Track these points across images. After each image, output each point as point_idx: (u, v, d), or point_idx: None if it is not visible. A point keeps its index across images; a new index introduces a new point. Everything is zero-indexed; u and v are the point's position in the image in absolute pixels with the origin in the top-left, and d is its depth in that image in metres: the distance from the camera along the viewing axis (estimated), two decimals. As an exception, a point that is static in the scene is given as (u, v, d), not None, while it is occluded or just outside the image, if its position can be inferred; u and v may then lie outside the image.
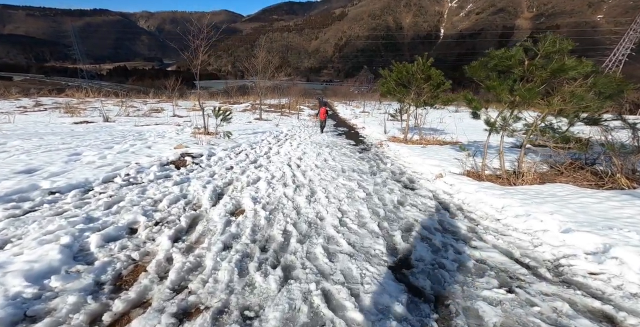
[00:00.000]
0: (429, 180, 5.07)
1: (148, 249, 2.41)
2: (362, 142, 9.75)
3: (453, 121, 16.39)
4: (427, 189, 4.61)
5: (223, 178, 4.35)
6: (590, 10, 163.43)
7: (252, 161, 5.60)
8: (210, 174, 4.44)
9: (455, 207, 3.84)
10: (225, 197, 3.60)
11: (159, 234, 2.61)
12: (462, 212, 3.71)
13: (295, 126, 13.67)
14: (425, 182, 4.95)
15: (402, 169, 5.84)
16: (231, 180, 4.33)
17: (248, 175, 4.60)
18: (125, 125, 11.19)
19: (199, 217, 3.08)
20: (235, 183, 4.21)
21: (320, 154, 6.91)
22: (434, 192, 4.48)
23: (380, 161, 6.52)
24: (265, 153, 6.54)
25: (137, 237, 2.53)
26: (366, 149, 8.17)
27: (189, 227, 2.84)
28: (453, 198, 4.19)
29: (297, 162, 5.87)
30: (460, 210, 3.78)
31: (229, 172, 4.66)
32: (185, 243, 2.54)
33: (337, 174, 5.14)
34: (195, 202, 3.42)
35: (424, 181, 5.02)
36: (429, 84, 8.22)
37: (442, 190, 4.54)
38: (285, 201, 3.71)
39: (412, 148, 7.86)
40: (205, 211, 3.21)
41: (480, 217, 3.55)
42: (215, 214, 3.10)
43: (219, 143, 7.05)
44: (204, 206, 3.30)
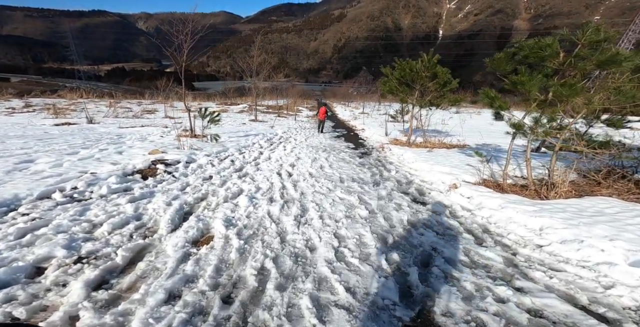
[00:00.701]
0: (441, 191, 4.35)
1: (48, 301, 1.68)
2: (362, 145, 9.03)
3: (455, 122, 15.73)
4: (441, 203, 3.88)
5: (196, 192, 3.61)
6: (587, 11, 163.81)
7: (237, 169, 4.86)
8: (182, 187, 3.71)
9: (480, 229, 3.12)
10: (191, 218, 2.87)
11: (75, 277, 1.87)
12: (490, 235, 2.98)
13: (291, 128, 12.95)
14: (437, 194, 4.23)
15: (408, 178, 5.12)
16: (206, 194, 3.59)
17: (228, 187, 3.86)
18: (109, 127, 10.45)
19: (147, 248, 2.34)
20: (210, 198, 3.48)
21: (316, 159, 6.19)
22: (450, 207, 3.76)
23: (383, 168, 5.79)
24: (254, 159, 5.81)
25: (40, 282, 1.80)
26: (367, 154, 7.45)
27: (127, 264, 2.10)
28: (475, 216, 3.47)
29: (289, 169, 5.14)
30: (488, 232, 3.05)
31: (205, 184, 3.93)
32: (110, 292, 1.80)
33: (335, 185, 4.42)
34: (150, 226, 2.68)
35: (436, 192, 4.30)
36: (435, 83, 7.53)
37: (460, 204, 3.82)
38: (268, 222, 2.98)
39: (417, 152, 7.15)
40: (159, 238, 2.48)
41: (516, 242, 2.82)
42: (170, 244, 2.36)
43: (204, 147, 6.32)
44: (160, 232, 2.57)
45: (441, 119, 17.82)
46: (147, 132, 9.05)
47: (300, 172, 5.00)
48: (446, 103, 7.70)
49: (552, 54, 3.24)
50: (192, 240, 2.50)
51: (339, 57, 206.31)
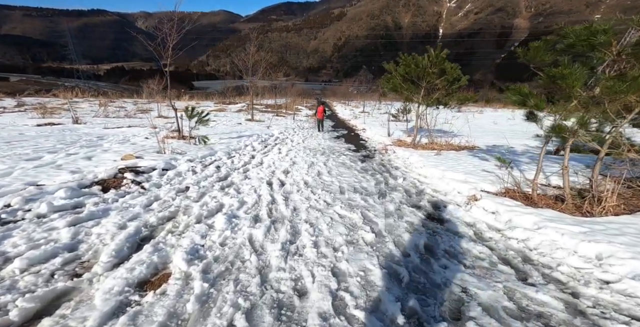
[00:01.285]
0: (459, 205, 3.71)
1: None
2: (363, 146, 8.39)
3: (459, 122, 15.06)
4: (462, 221, 3.24)
5: (164, 209, 2.97)
6: (588, 10, 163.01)
7: (222, 178, 4.22)
8: (148, 202, 3.07)
9: (519, 257, 2.48)
10: (146, 248, 2.22)
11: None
12: (534, 267, 2.34)
13: (289, 128, 12.31)
14: (455, 208, 3.58)
15: (418, 186, 4.47)
16: (175, 212, 2.95)
17: (205, 202, 3.22)
18: (94, 127, 9.80)
19: (69, 294, 1.70)
20: (179, 218, 2.84)
21: (314, 164, 5.54)
22: (474, 226, 3.11)
23: (389, 174, 5.15)
24: (244, 165, 5.16)
25: None
26: (369, 156, 6.81)
27: (25, 322, 1.46)
28: (508, 239, 2.82)
29: (282, 177, 4.49)
30: (530, 263, 2.41)
31: (179, 198, 3.28)
32: None
33: (334, 198, 3.77)
34: (86, 259, 2.04)
35: (453, 206, 3.66)
36: (443, 80, 6.87)
37: (485, 222, 3.17)
38: (247, 253, 2.33)
39: (424, 155, 6.51)
40: (91, 279, 1.84)
41: (572, 277, 2.18)
42: (103, 289, 1.72)
43: (189, 151, 5.68)
44: (95, 269, 1.93)
45: (444, 119, 17.18)
46: (133, 133, 8.41)
47: (295, 181, 4.36)
48: (455, 101, 7.05)
49: (607, 42, 2.60)
50: (137, 281, 1.86)
51: (339, 56, 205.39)
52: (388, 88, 7.70)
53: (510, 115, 24.32)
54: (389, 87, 7.65)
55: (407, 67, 7.12)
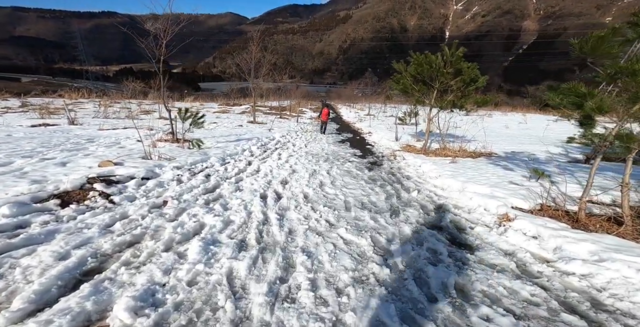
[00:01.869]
0: (489, 226, 3.11)
1: None
2: (370, 152, 7.81)
3: (467, 125, 14.36)
4: (497, 248, 2.64)
5: (128, 231, 2.44)
6: (599, 12, 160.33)
7: (209, 189, 3.69)
8: (111, 221, 2.54)
9: (586, 302, 1.86)
10: (84, 287, 1.69)
11: None
12: (614, 318, 1.73)
13: (291, 131, 11.79)
14: (484, 231, 2.99)
15: (435, 201, 3.88)
16: (141, 235, 2.42)
17: (181, 223, 2.68)
18: (89, 129, 9.41)
19: None
20: (144, 244, 2.30)
21: (316, 172, 4.99)
22: (514, 256, 2.51)
23: (400, 186, 4.56)
24: (238, 173, 4.63)
25: None
26: (377, 163, 6.23)
27: None
28: (565, 275, 2.21)
29: (279, 189, 3.94)
30: (605, 311, 1.80)
31: (150, 216, 2.75)
32: None
33: (338, 216, 3.21)
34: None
35: (482, 227, 3.05)
36: (459, 81, 6.28)
37: (528, 251, 2.57)
38: (222, 297, 1.78)
39: (438, 163, 5.91)
40: None
41: None
42: None
43: (179, 156, 5.18)
44: None
45: (453, 122, 16.50)
46: (126, 135, 7.98)
47: (293, 194, 3.80)
48: (470, 104, 6.44)
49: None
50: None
51: (344, 58, 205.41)
52: (398, 89, 7.13)
53: (521, 119, 23.52)
54: (398, 88, 7.08)
55: (418, 67, 6.55)
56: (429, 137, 8.33)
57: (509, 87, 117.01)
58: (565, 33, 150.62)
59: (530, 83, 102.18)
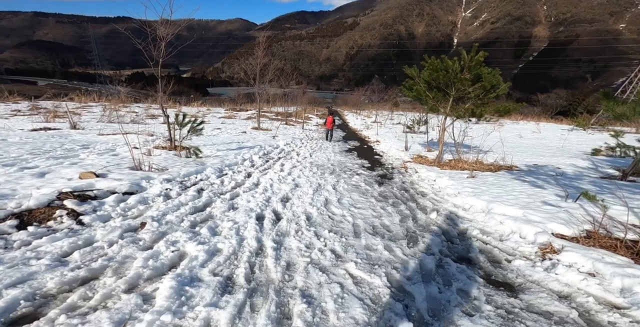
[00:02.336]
0: (529, 258, 2.58)
1: None
2: (379, 163, 7.32)
3: (479, 135, 13.75)
4: (547, 290, 2.11)
5: (87, 262, 1.99)
6: (612, 19, 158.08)
7: (199, 208, 3.26)
8: (70, 249, 2.11)
9: None
10: None
11: None
12: None
13: (296, 138, 11.40)
14: (525, 265, 2.46)
15: (458, 225, 3.37)
16: (101, 269, 1.97)
17: (157, 253, 2.23)
18: (88, 134, 9.19)
19: None
20: (102, 281, 1.85)
21: (321, 187, 4.52)
22: (573, 300, 1.97)
23: (415, 204, 4.06)
24: (235, 187, 4.20)
25: None
26: (387, 177, 5.74)
27: None
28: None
29: (279, 208, 3.49)
30: None
31: (121, 242, 2.31)
32: None
33: (345, 245, 2.73)
34: None
35: (521, 260, 2.53)
36: (478, 87, 5.79)
37: (590, 294, 2.02)
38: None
39: (455, 177, 5.39)
40: None
41: None
42: None
43: (174, 166, 4.79)
44: None
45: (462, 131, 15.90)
46: (124, 142, 7.69)
47: (294, 215, 3.34)
48: (490, 113, 5.93)
49: None
50: None
51: (351, 65, 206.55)
52: (410, 96, 6.68)
53: (534, 127, 22.75)
54: (410, 95, 6.62)
55: (433, 72, 6.09)
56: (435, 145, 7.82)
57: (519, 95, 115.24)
58: (577, 40, 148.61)
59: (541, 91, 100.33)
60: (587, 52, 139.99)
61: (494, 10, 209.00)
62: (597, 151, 8.64)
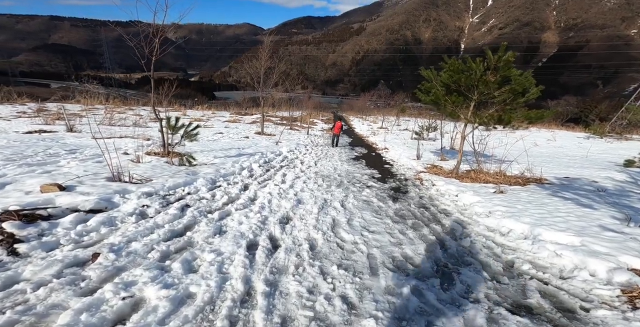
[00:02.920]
0: (613, 306, 1.91)
1: None
2: (389, 173, 6.68)
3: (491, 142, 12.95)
4: None
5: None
6: (623, 24, 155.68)
7: (176, 232, 2.65)
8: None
9: None
10: None
11: None
12: None
13: (300, 144, 10.83)
14: (612, 317, 1.78)
15: (499, 255, 2.70)
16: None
17: (98, 302, 1.62)
18: (82, 137, 8.76)
19: None
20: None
21: (327, 204, 3.90)
22: None
23: (440, 226, 3.40)
24: (227, 203, 3.60)
25: None
26: (401, 190, 5.08)
27: None
28: None
29: (276, 233, 2.87)
30: None
31: (51, 285, 1.71)
32: None
33: (360, 288, 2.09)
34: None
35: (604, 310, 1.85)
36: (507, 91, 5.14)
37: None
38: None
39: (480, 192, 4.72)
40: None
41: None
42: None
43: (160, 176, 4.23)
44: None
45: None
46: (117, 146, 7.22)
47: (295, 242, 2.72)
48: (520, 120, 5.26)
49: None
50: None
51: (357, 70, 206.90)
52: (426, 101, 6.05)
53: (549, 135, 21.82)
54: (427, 100, 5.99)
55: (454, 74, 5.47)
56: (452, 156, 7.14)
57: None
58: (587, 46, 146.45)
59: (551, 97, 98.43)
60: (597, 58, 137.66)
61: (502, 15, 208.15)
62: (631, 162, 7.85)
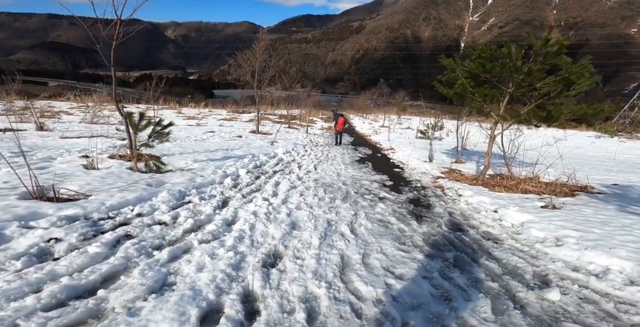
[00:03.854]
0: None
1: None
2: (402, 179, 5.65)
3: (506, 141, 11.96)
4: None
5: None
6: (623, 23, 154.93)
7: (80, 291, 1.62)
8: None
9: None
10: None
11: None
12: None
13: (299, 144, 9.80)
14: None
15: (615, 318, 1.69)
16: None
17: None
18: (49, 137, 7.70)
19: None
20: None
21: (331, 229, 2.87)
22: None
23: (496, 263, 2.37)
24: (190, 230, 2.56)
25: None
26: (423, 203, 4.06)
27: None
28: None
29: (256, 287, 1.83)
30: None
31: None
32: None
33: None
34: None
35: None
36: (557, 81, 4.12)
37: None
38: None
39: (524, 205, 3.72)
40: None
41: None
42: None
43: (109, 187, 3.20)
44: None
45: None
46: (84, 147, 6.18)
47: (285, 305, 1.68)
48: (570, 116, 4.23)
49: None
50: None
51: (357, 68, 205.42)
52: (449, 94, 5.03)
53: (558, 135, 20.92)
54: (451, 93, 4.97)
55: (486, 62, 4.44)
56: (467, 157, 6.15)
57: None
58: (587, 44, 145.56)
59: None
60: (598, 56, 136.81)
61: (502, 14, 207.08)
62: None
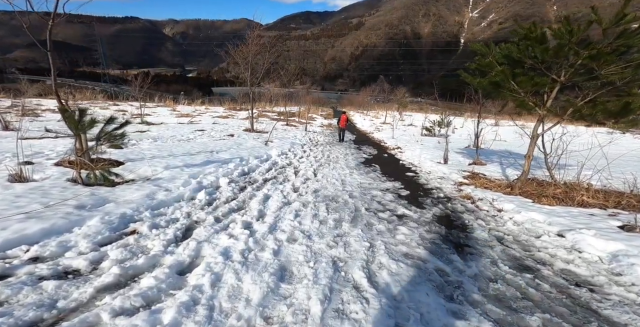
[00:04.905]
0: None
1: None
2: (419, 187, 4.69)
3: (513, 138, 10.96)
4: None
5: None
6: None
7: None
8: None
9: None
10: None
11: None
12: None
13: (296, 144, 8.82)
14: None
15: None
16: None
17: None
18: (9, 138, 6.71)
19: None
20: None
21: (339, 277, 1.90)
22: None
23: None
24: (107, 289, 1.61)
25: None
26: (455, 224, 3.10)
27: None
28: None
29: None
30: None
31: None
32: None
33: None
34: None
35: None
36: (622, 67, 3.15)
37: None
38: None
39: (599, 227, 2.76)
40: None
41: None
42: None
43: (10, 214, 2.24)
44: None
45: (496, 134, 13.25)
46: (41, 150, 5.23)
47: None
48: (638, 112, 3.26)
49: None
50: None
51: (356, 65, 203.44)
52: (481, 86, 4.04)
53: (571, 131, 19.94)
54: (484, 83, 3.98)
55: (534, 44, 3.45)
56: (485, 157, 5.18)
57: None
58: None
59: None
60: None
61: (502, 10, 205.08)
62: None
